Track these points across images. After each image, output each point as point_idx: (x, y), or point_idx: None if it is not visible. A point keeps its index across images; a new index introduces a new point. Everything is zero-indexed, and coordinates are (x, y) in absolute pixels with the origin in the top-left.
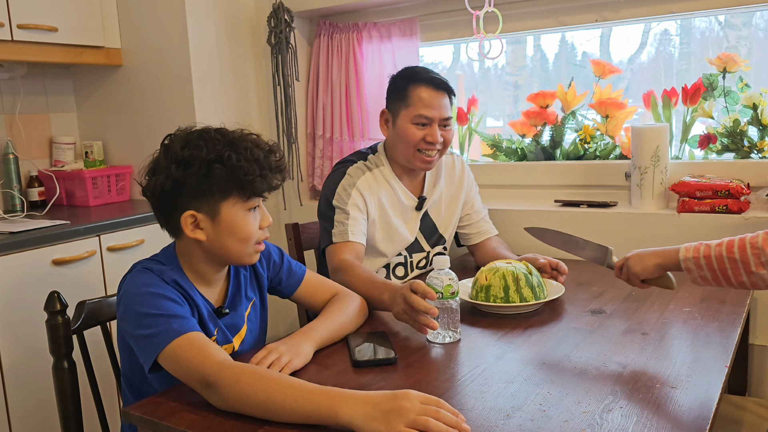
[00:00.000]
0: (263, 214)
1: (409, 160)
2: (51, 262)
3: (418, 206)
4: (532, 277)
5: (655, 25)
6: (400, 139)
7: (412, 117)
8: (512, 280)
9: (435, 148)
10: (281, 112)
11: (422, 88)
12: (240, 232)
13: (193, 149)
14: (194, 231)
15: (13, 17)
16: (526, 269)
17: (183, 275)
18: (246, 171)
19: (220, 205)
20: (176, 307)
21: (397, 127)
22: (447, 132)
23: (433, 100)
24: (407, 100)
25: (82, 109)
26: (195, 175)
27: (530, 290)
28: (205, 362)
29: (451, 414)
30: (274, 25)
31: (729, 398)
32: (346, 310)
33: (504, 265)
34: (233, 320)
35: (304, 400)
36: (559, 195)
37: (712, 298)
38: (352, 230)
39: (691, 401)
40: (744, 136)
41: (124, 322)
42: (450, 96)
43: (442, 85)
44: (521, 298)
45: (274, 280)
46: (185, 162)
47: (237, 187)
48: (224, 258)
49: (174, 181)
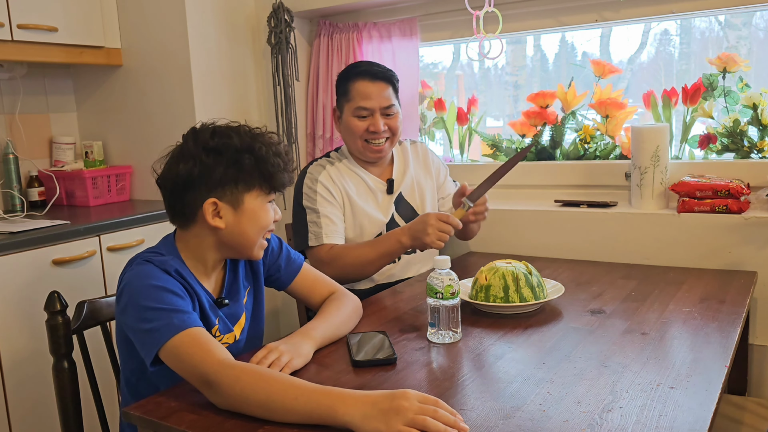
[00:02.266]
0: (276, 207)
1: (360, 151)
2: (51, 262)
3: (389, 189)
4: (531, 277)
5: (655, 25)
6: (348, 133)
7: (353, 110)
8: (512, 280)
9: (381, 136)
10: (281, 112)
11: (360, 81)
12: (260, 220)
13: (225, 138)
14: (215, 219)
15: (13, 17)
16: (525, 269)
17: (183, 265)
18: (272, 163)
19: (244, 196)
20: (178, 301)
21: (344, 121)
22: (391, 120)
23: (371, 91)
24: (348, 95)
25: (82, 109)
26: (224, 164)
27: (530, 290)
28: (205, 360)
29: (449, 413)
30: (274, 25)
31: (729, 398)
32: (344, 310)
33: (504, 265)
34: (233, 310)
35: (304, 400)
36: (559, 195)
37: (712, 298)
38: (326, 231)
39: (690, 401)
40: (744, 136)
41: (125, 315)
42: (391, 85)
43: (378, 74)
44: (521, 298)
45: (272, 268)
46: (216, 150)
47: (261, 178)
48: (237, 247)
49: (202, 168)
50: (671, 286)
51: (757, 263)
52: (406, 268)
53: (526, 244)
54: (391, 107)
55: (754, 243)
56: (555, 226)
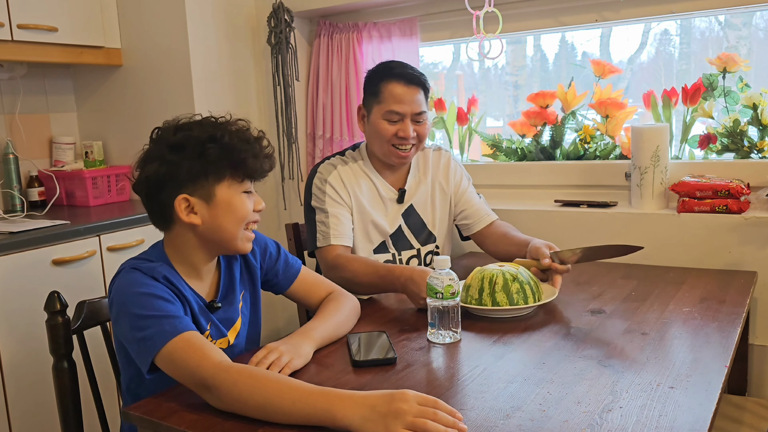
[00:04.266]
0: (256, 198)
1: (385, 155)
2: (51, 262)
3: (399, 199)
4: (513, 283)
5: (655, 25)
6: (375, 135)
7: (384, 113)
8: (488, 283)
9: (409, 143)
10: (281, 112)
11: (393, 83)
12: (236, 210)
13: (186, 131)
14: (189, 215)
15: (13, 17)
16: (511, 274)
17: (173, 270)
18: (239, 149)
19: (215, 188)
20: (169, 306)
21: (371, 122)
22: (420, 127)
23: (404, 96)
24: (379, 96)
25: (82, 109)
26: (189, 157)
27: (504, 295)
28: (202, 364)
29: (448, 414)
30: (274, 25)
31: (729, 398)
32: (343, 310)
33: (492, 267)
34: (227, 314)
35: (302, 403)
36: (559, 195)
37: (712, 298)
38: (334, 233)
39: (690, 401)
40: (744, 136)
41: (117, 325)
42: (423, 90)
43: (413, 79)
44: (493, 302)
45: (270, 272)
46: (179, 145)
47: (230, 166)
48: (219, 242)
49: (168, 166)
50: (671, 286)
51: (757, 263)
52: None
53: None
54: (422, 114)
55: (754, 243)
56: (555, 226)
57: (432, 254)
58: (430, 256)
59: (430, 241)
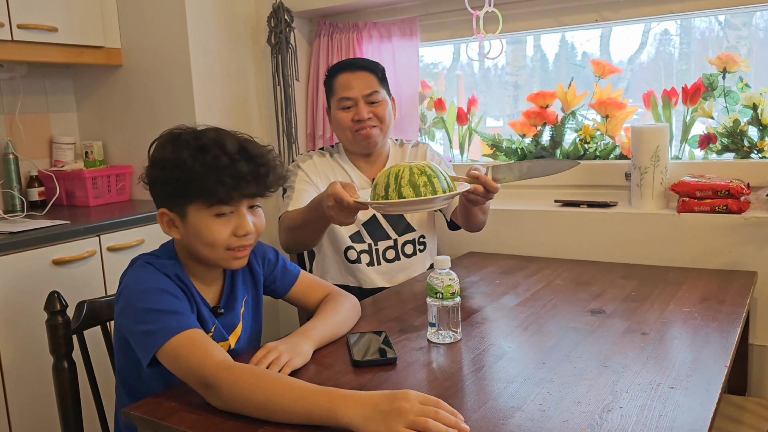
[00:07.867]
0: (240, 221)
1: (351, 143)
2: (51, 262)
3: None
4: (420, 176)
5: (655, 25)
6: (337, 127)
7: (337, 102)
8: (393, 178)
9: (366, 124)
10: (281, 112)
11: (340, 74)
12: (204, 237)
13: (161, 151)
14: (170, 229)
15: (13, 17)
16: (419, 168)
17: (183, 271)
18: (203, 178)
19: (187, 208)
20: (176, 303)
21: (332, 117)
22: (376, 107)
23: (351, 81)
24: (332, 90)
25: (82, 109)
26: (162, 177)
27: (411, 189)
28: (204, 362)
29: (450, 414)
30: (274, 25)
31: (729, 398)
32: (342, 309)
33: (400, 164)
34: (229, 319)
35: (304, 401)
36: (559, 195)
37: (712, 298)
38: (293, 203)
39: (690, 401)
40: (744, 136)
41: (122, 317)
42: (373, 73)
43: (357, 64)
44: (399, 196)
45: (269, 279)
46: (153, 163)
47: (196, 192)
48: (202, 259)
49: (149, 180)
50: (671, 286)
51: (757, 263)
52: (403, 274)
53: (526, 244)
54: (374, 94)
55: (754, 243)
56: (555, 226)
57: (411, 243)
58: (409, 245)
59: (408, 232)
